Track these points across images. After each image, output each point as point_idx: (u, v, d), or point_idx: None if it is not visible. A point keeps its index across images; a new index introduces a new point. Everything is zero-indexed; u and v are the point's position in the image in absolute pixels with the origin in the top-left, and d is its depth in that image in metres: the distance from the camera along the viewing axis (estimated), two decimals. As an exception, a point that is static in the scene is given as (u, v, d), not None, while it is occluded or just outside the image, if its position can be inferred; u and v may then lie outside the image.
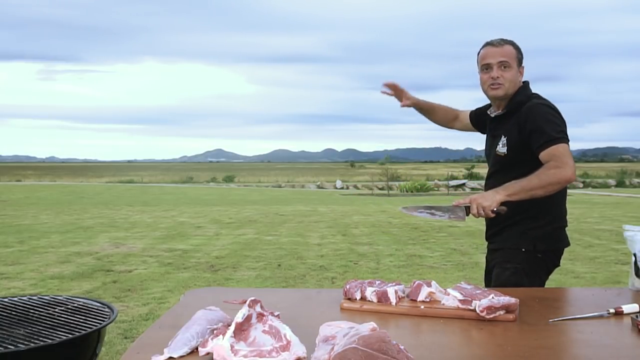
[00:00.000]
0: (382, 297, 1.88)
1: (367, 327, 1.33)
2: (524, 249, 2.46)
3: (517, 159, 2.45)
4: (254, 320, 1.47)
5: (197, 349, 1.43)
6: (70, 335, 1.90)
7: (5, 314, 2.14)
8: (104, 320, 2.05)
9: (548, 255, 2.49)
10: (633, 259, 2.12)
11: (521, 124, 2.42)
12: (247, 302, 1.49)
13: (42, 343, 1.83)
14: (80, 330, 1.95)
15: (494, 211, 2.26)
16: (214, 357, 1.37)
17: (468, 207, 2.31)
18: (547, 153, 2.31)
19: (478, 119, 2.84)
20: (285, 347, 1.38)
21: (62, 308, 2.20)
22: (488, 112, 2.69)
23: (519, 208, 2.34)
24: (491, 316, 1.73)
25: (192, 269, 7.20)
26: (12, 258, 7.87)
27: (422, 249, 8.83)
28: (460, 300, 1.79)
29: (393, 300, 1.87)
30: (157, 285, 6.19)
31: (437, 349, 1.53)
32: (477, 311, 1.73)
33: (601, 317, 1.80)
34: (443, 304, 1.83)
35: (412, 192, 28.47)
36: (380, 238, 10.04)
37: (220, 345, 1.37)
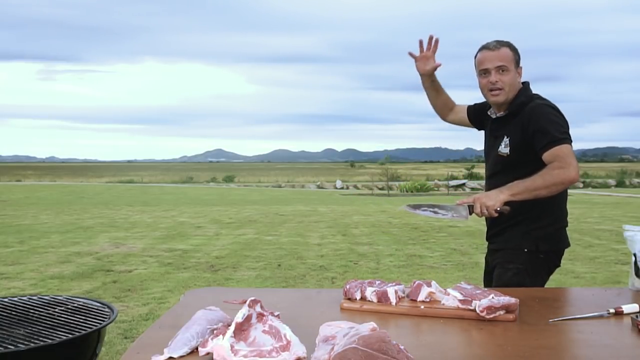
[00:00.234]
0: (382, 297, 1.88)
1: (367, 327, 1.33)
2: (526, 250, 2.45)
3: (520, 159, 2.45)
4: (254, 320, 1.47)
5: (197, 349, 1.43)
6: (70, 335, 1.90)
7: (5, 314, 2.14)
8: (104, 320, 2.05)
9: (550, 255, 2.50)
10: (633, 259, 2.12)
11: (524, 125, 2.42)
12: (247, 302, 1.49)
13: (42, 343, 1.83)
14: (80, 330, 1.95)
15: (497, 211, 2.26)
16: (214, 357, 1.37)
17: (471, 206, 2.31)
18: (550, 154, 2.31)
19: (476, 116, 2.82)
20: (285, 347, 1.38)
21: (62, 308, 2.20)
22: (488, 113, 2.68)
23: (522, 208, 2.34)
24: (491, 316, 1.73)
25: (192, 269, 7.20)
26: (12, 258, 7.87)
27: (422, 249, 8.83)
28: (460, 300, 1.79)
29: (393, 300, 1.87)
30: (157, 285, 6.19)
31: (437, 349, 1.53)
32: (477, 311, 1.73)
33: (601, 317, 1.80)
34: (443, 304, 1.83)
35: (412, 192, 28.48)
36: (380, 238, 10.03)
37: (220, 345, 1.37)
